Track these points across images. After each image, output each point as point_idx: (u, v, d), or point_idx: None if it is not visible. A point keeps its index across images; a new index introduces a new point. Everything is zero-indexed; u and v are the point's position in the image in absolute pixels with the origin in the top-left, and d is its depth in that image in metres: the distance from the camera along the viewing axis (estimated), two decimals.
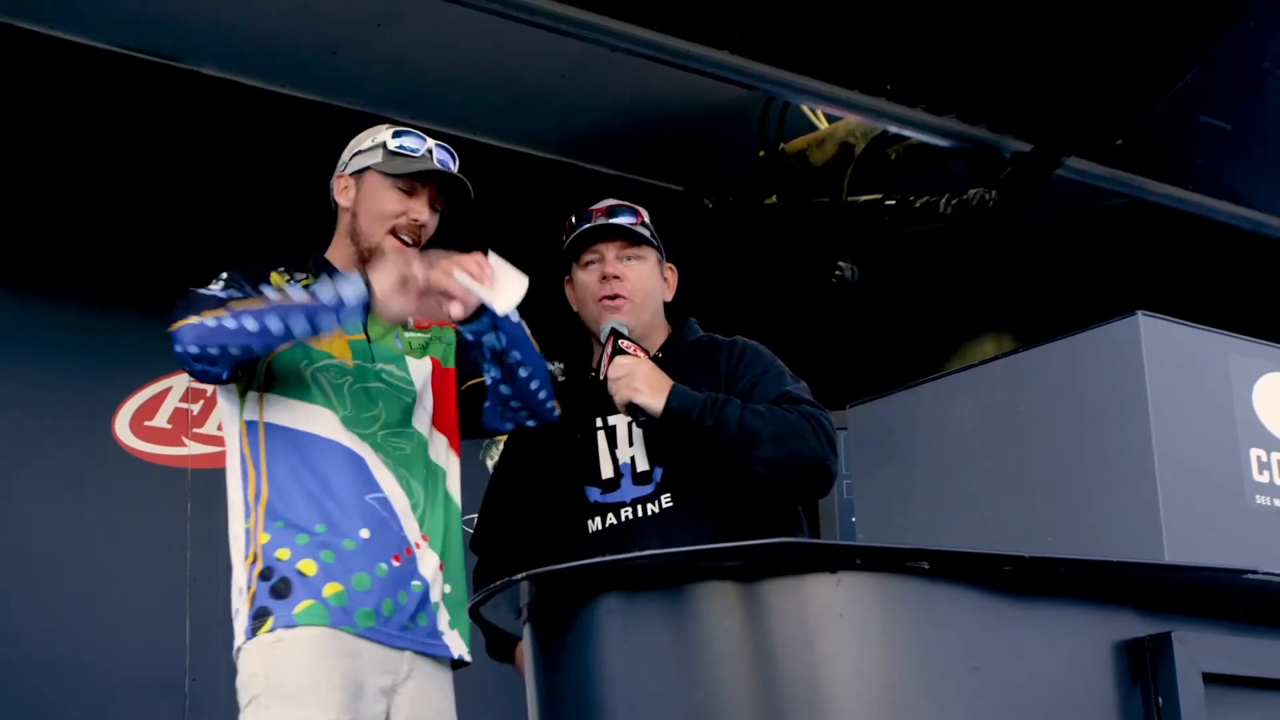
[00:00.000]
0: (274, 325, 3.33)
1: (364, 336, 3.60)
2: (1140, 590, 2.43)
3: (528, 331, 3.59)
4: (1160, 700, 2.36)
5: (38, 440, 5.41)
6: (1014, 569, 2.33)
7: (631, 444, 3.79)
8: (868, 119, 5.97)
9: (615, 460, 3.80)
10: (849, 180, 6.35)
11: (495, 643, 4.00)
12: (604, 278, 3.83)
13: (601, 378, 3.70)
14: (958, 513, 3.30)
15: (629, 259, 3.85)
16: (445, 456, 3.69)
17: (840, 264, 6.36)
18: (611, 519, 3.77)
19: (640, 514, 3.73)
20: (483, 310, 3.43)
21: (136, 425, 5.59)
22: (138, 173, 5.74)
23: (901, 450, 3.48)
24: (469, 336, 3.52)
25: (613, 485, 3.78)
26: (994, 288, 7.36)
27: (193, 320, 3.37)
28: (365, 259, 3.58)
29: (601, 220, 3.87)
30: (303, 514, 3.47)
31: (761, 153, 6.58)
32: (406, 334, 3.69)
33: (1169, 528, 2.95)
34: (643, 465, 3.76)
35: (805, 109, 6.42)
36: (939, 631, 2.30)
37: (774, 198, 6.71)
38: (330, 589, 3.42)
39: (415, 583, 3.52)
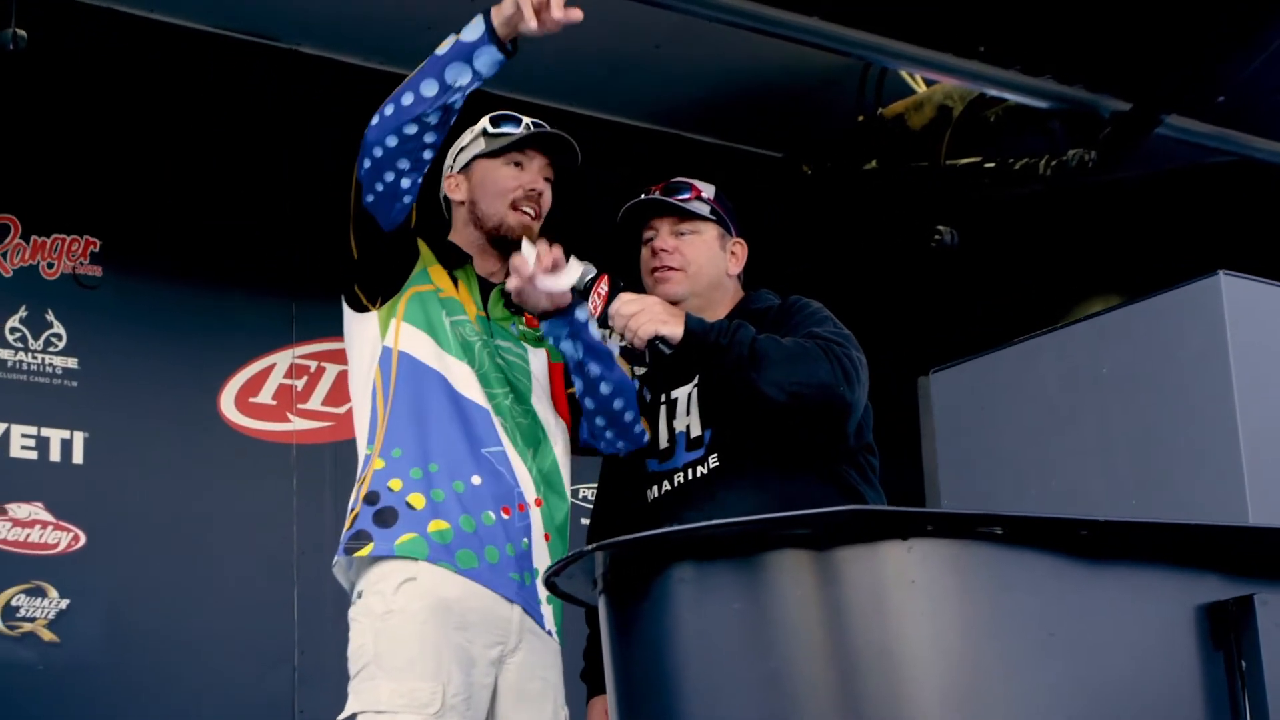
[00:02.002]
0: (426, 89, 3.41)
1: (484, 314, 3.67)
2: (1222, 553, 2.39)
3: (615, 354, 3.63)
4: (1244, 664, 2.32)
5: (144, 417, 5.49)
6: (1090, 533, 2.30)
7: (689, 414, 3.81)
8: (963, 82, 5.92)
9: (672, 430, 3.83)
10: (947, 143, 6.30)
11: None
12: (654, 252, 3.90)
13: (598, 316, 3.69)
14: (1041, 476, 3.28)
15: (682, 234, 3.90)
16: (557, 436, 3.72)
17: (939, 228, 6.32)
18: (666, 485, 3.79)
19: (690, 477, 3.76)
20: (559, 311, 3.53)
21: (241, 402, 5.66)
22: (242, 151, 5.81)
23: (985, 414, 3.46)
24: (550, 340, 3.59)
25: (668, 454, 3.81)
26: (1100, 249, 7.27)
27: (373, 121, 3.44)
28: (493, 237, 3.70)
29: (646, 196, 3.93)
30: (419, 449, 3.51)
31: (860, 118, 6.54)
32: (521, 327, 3.74)
33: (1253, 489, 2.92)
34: (696, 431, 3.79)
35: (903, 73, 6.38)
36: (1013, 598, 2.28)
37: (873, 163, 6.67)
38: (435, 525, 3.45)
39: (525, 540, 3.55)
